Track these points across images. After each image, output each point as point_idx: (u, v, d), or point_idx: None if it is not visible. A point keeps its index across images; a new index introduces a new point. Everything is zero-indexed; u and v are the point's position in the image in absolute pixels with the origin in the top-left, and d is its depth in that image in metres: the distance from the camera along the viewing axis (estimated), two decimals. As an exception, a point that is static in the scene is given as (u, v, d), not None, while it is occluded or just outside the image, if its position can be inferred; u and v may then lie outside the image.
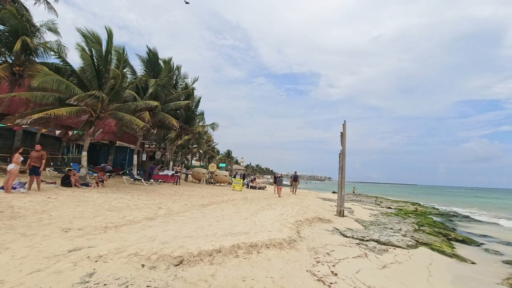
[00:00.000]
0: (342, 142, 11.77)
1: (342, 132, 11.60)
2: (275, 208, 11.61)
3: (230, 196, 15.68)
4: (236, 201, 13.20)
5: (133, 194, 11.97)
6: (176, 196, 12.95)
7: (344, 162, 11.57)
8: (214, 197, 14.14)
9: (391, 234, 8.48)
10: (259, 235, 6.22)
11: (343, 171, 11.59)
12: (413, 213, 15.27)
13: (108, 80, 12.98)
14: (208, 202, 12.11)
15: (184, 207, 9.97)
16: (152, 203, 10.08)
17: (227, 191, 18.82)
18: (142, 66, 19.59)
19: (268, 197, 16.88)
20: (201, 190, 17.32)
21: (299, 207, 12.50)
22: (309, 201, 16.05)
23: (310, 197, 19.80)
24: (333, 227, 9.01)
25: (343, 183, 11.55)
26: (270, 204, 13.06)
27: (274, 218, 8.81)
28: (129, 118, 13.25)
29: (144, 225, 6.65)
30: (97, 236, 5.40)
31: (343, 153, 11.67)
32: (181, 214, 8.51)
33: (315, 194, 26.77)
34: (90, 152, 21.72)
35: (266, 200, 15.07)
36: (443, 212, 17.61)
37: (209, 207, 10.53)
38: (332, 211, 12.67)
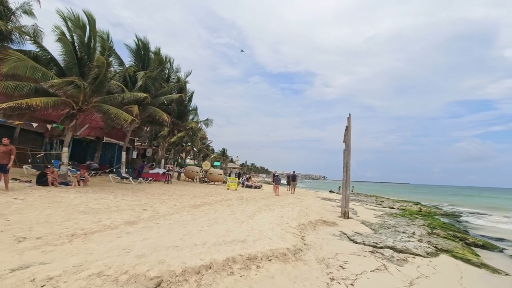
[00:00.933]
0: (347, 137, 10.79)
1: (347, 126, 10.62)
2: (274, 209, 10.61)
3: (224, 195, 14.64)
4: (231, 202, 12.17)
5: (118, 194, 10.86)
6: (166, 196, 11.87)
7: (349, 158, 10.62)
8: (207, 197, 13.09)
9: (406, 239, 7.55)
10: (258, 243, 5.21)
11: (348, 169, 10.63)
12: (419, 214, 14.43)
13: (92, 69, 11.81)
14: (200, 202, 11.06)
15: (173, 209, 8.91)
16: (136, 204, 9.00)
17: (222, 191, 17.78)
18: (131, 57, 18.39)
19: (265, 197, 15.89)
20: (193, 189, 16.25)
21: (299, 208, 11.53)
22: (309, 201, 15.10)
23: (309, 197, 18.86)
24: (340, 231, 8.04)
25: (347, 182, 10.60)
26: (268, 204, 12.06)
27: (274, 221, 7.81)
28: (116, 111, 12.12)
29: (122, 232, 5.58)
30: (57, 248, 4.32)
31: (347, 149, 10.71)
32: (168, 217, 7.46)
33: (313, 193, 25.88)
34: (75, 149, 20.53)
35: (264, 200, 14.07)
36: (448, 212, 16.83)
37: (201, 208, 9.49)
38: (335, 212, 11.72)
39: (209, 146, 70.87)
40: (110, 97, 12.81)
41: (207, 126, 22.57)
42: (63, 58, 12.09)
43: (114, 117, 12.08)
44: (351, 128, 10.74)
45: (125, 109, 15.79)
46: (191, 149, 42.30)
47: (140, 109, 17.47)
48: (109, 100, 12.71)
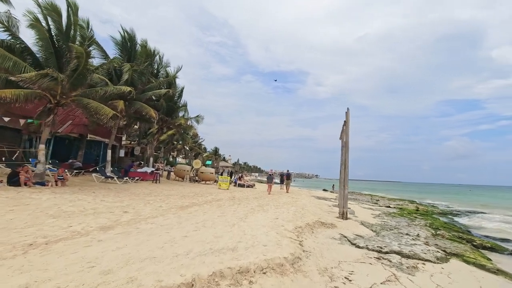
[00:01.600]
0: (345, 133, 10.16)
1: (346, 121, 9.99)
2: (268, 210, 9.93)
3: (215, 195, 13.89)
4: (222, 202, 11.44)
5: (98, 194, 10.00)
6: (152, 197, 11.06)
7: (347, 155, 10.00)
8: (197, 197, 12.33)
9: (411, 242, 6.96)
10: (251, 252, 4.51)
11: (346, 167, 10.01)
12: (417, 213, 13.96)
13: (70, 60, 10.88)
14: (189, 203, 10.30)
15: (158, 211, 8.13)
16: (117, 206, 8.19)
17: (213, 190, 17.02)
18: (116, 50, 17.41)
19: (258, 197, 15.20)
20: (183, 189, 15.45)
21: (294, 208, 10.88)
22: (304, 201, 14.47)
23: (303, 196, 18.25)
24: (340, 234, 7.41)
25: (346, 180, 9.98)
26: (261, 204, 11.37)
27: (268, 223, 7.12)
28: (96, 105, 11.23)
29: (92, 239, 4.81)
30: (5, 263, 3.54)
31: (346, 145, 10.08)
32: (151, 221, 6.69)
33: (307, 192, 25.32)
34: (58, 146, 19.45)
35: (257, 200, 13.38)
36: (445, 211, 16.45)
37: (189, 210, 8.74)
38: (333, 213, 11.11)
39: (201, 144, 69.80)
40: (91, 91, 11.89)
41: (198, 123, 21.77)
42: (38, 48, 11.13)
43: (93, 112, 11.17)
44: (349, 124, 10.11)
45: (110, 104, 14.90)
46: (182, 148, 41.24)
47: (126, 104, 16.56)
48: (90, 93, 11.80)
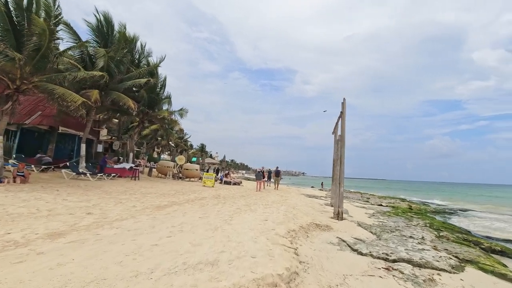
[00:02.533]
0: (341, 125, 9.31)
1: (342, 112, 9.13)
2: (256, 209, 8.97)
3: (198, 193, 12.82)
4: (206, 201, 10.40)
5: (62, 192, 8.76)
6: (126, 195, 9.88)
7: (343, 150, 9.15)
8: (178, 195, 11.22)
9: (418, 246, 6.17)
10: (235, 267, 3.53)
11: (342, 162, 9.16)
12: (411, 212, 13.38)
13: (31, 36, 9.49)
14: (168, 202, 9.20)
15: (129, 211, 7.02)
16: (81, 206, 7.02)
17: (197, 188, 15.91)
18: (91, 35, 15.92)
19: (245, 195, 14.22)
20: (164, 187, 14.27)
21: (285, 207, 9.97)
22: (294, 199, 13.62)
23: (293, 194, 17.43)
24: (338, 238, 6.54)
25: (341, 178, 9.13)
26: (248, 204, 10.41)
27: (257, 226, 6.16)
28: (62, 91, 9.93)
29: (30, 252, 3.71)
30: None
31: (342, 139, 9.22)
32: (117, 224, 5.60)
33: (296, 190, 24.56)
34: (26, 140, 17.80)
35: (244, 198, 12.40)
36: (438, 209, 16.01)
37: (167, 210, 7.66)
38: (326, 213, 10.28)
39: (187, 141, 68.10)
40: (58, 76, 10.53)
41: (182, 117, 20.49)
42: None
43: (59, 98, 9.86)
44: (345, 115, 9.26)
45: (83, 94, 13.52)
46: (166, 144, 39.65)
47: (102, 95, 15.18)
48: (57, 79, 10.45)
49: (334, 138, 12.86)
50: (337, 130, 12.72)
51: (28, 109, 16.69)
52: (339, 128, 11.44)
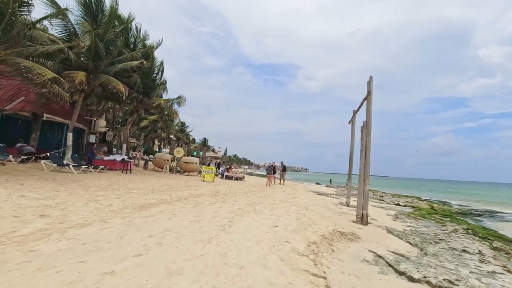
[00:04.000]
0: (367, 109, 7.60)
1: (369, 92, 7.41)
2: (262, 210, 7.40)
3: (195, 189, 11.25)
4: (202, 198, 8.83)
5: (27, 186, 7.23)
6: (107, 191, 8.33)
7: (368, 139, 7.47)
8: (170, 192, 9.66)
9: (484, 267, 4.57)
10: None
11: (367, 154, 7.48)
12: (437, 213, 11.74)
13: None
14: (155, 200, 7.64)
15: (100, 213, 5.46)
16: (38, 205, 5.47)
17: (194, 183, 14.36)
18: (78, 11, 14.26)
19: (248, 191, 12.65)
20: (156, 181, 12.72)
21: (295, 207, 8.40)
22: (304, 197, 12.04)
23: (301, 191, 15.84)
24: (371, 252, 4.94)
25: (366, 173, 7.47)
26: (252, 203, 8.83)
27: (265, 236, 4.59)
28: (29, 64, 8.35)
29: None
30: None
31: (367, 125, 7.52)
32: (73, 233, 4.05)
33: (302, 186, 22.98)
34: (8, 127, 16.29)
35: (246, 196, 10.82)
36: (464, 211, 14.35)
37: (151, 211, 6.10)
38: (344, 214, 8.68)
39: (189, 134, 66.62)
40: (28, 49, 8.94)
41: (180, 105, 18.87)
42: None
43: (24, 72, 8.29)
44: (372, 97, 7.55)
45: (66, 74, 11.96)
46: (166, 136, 38.08)
47: (90, 78, 13.60)
48: (27, 52, 8.87)
49: (351, 128, 11.22)
50: (354, 120, 11.08)
51: (9, 94, 15.16)
52: (355, 120, 9.84)
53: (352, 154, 11.03)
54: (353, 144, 11.10)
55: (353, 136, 11.13)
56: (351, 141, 11.15)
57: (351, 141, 11.15)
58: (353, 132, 11.14)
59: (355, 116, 10.71)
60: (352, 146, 11.10)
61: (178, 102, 18.67)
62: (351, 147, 11.12)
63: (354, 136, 11.14)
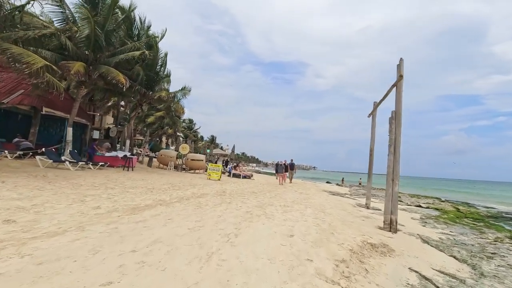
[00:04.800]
0: (397, 97, 6.47)
1: (402, 75, 6.26)
2: (273, 214, 6.41)
3: (199, 188, 10.34)
4: (206, 199, 7.90)
5: (9, 184, 6.42)
6: (100, 190, 7.47)
7: (398, 131, 6.35)
8: (171, 191, 8.76)
9: None
10: None
11: (397, 150, 6.35)
12: (466, 217, 10.54)
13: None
14: (152, 201, 6.74)
15: (81, 217, 4.57)
16: (9, 207, 4.62)
17: (199, 181, 13.47)
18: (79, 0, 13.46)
19: (257, 191, 11.68)
20: (158, 179, 11.87)
21: (311, 210, 7.38)
22: (317, 198, 11.01)
23: (313, 191, 14.78)
24: (413, 271, 3.90)
25: (396, 171, 6.35)
26: (262, 204, 7.85)
27: (280, 252, 3.60)
28: (19, 51, 7.54)
29: None
30: None
31: (397, 115, 6.40)
32: (33, 246, 3.14)
33: (313, 185, 21.88)
34: (7, 122, 15.76)
35: (255, 196, 9.85)
36: (494, 214, 13.02)
37: (144, 215, 5.18)
38: (367, 218, 7.60)
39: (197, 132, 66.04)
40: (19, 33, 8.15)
41: (185, 96, 17.98)
42: None
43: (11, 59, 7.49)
44: (402, 83, 6.42)
45: (62, 64, 11.20)
46: (173, 133, 37.38)
47: (90, 69, 12.83)
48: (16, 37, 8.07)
49: (372, 122, 10.10)
50: (375, 113, 9.96)
51: (8, 88, 14.55)
52: (376, 113, 8.63)
53: (373, 151, 9.93)
54: (373, 139, 9.98)
55: (374, 130, 10.02)
56: (371, 136, 10.04)
57: (371, 137, 10.04)
58: (373, 127, 10.02)
59: (376, 109, 9.58)
60: (373, 142, 9.98)
61: (184, 94, 17.78)
62: (372, 143, 9.99)
63: (375, 131, 10.04)
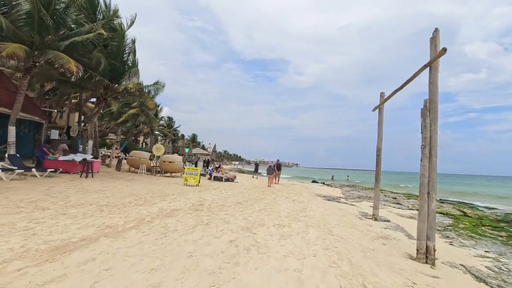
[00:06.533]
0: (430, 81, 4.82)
1: (444, 49, 4.58)
2: (267, 243, 4.60)
3: (170, 200, 8.34)
4: (175, 220, 5.94)
5: None
6: (24, 213, 5.33)
7: (435, 126, 4.71)
8: (130, 209, 6.70)
9: None
10: None
11: (433, 152, 4.70)
12: (482, 224, 9.26)
13: None
14: (97, 229, 4.71)
15: None
16: None
17: (174, 188, 11.43)
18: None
19: (242, 200, 9.83)
20: (121, 189, 9.71)
21: (315, 231, 5.65)
22: (316, 207, 9.31)
23: (306, 196, 13.10)
24: None
25: (432, 181, 4.69)
26: (250, 224, 6.01)
27: None
28: None
29: None
30: None
31: (432, 104, 4.72)
32: None
33: (302, 187, 20.30)
34: None
35: (241, 208, 7.98)
36: (501, 216, 11.91)
37: (67, 262, 3.19)
38: (386, 240, 5.94)
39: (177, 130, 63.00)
40: None
41: (158, 92, 15.77)
42: None
43: None
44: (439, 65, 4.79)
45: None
46: (148, 132, 34.60)
47: (35, 54, 10.44)
48: None
49: (379, 116, 8.50)
50: (382, 107, 8.36)
51: None
52: (383, 107, 6.92)
53: (381, 151, 8.35)
54: (381, 137, 8.40)
55: (381, 127, 8.43)
56: (378, 133, 8.44)
57: (378, 134, 8.44)
58: (380, 122, 8.43)
59: (385, 101, 7.98)
60: (380, 140, 8.39)
61: (156, 89, 15.53)
62: (379, 141, 8.41)
63: (383, 127, 8.45)
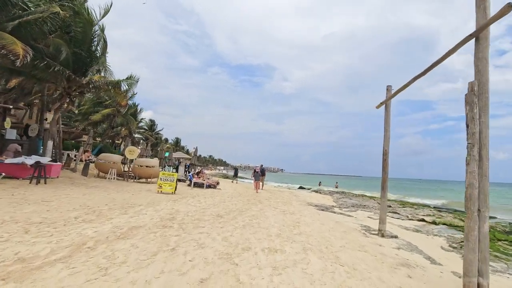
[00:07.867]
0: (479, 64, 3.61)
1: (508, 5, 3.36)
2: (255, 279, 3.15)
3: (134, 213, 6.72)
4: (128, 245, 4.38)
5: None
6: None
7: (486, 117, 3.49)
8: (72, 228, 5.07)
9: None
10: None
11: (484, 153, 3.46)
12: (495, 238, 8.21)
13: None
14: (11, 262, 3.13)
15: None
16: None
17: (145, 196, 9.77)
18: None
19: (223, 212, 8.33)
20: (74, 199, 7.96)
21: (319, 262, 4.27)
22: (311, 222, 7.96)
23: (296, 205, 11.73)
24: None
25: (485, 193, 3.44)
26: (230, 250, 4.54)
27: None
28: None
29: None
30: None
31: (481, 89, 3.52)
32: None
33: (291, 194, 18.99)
34: None
35: (220, 224, 6.49)
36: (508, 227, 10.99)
37: None
38: (406, 268, 4.61)
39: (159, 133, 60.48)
40: None
41: (131, 88, 14.09)
42: None
43: None
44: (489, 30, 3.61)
45: None
46: (127, 135, 32.38)
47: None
48: None
49: (385, 113, 7.29)
50: (389, 102, 7.17)
51: None
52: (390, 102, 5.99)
53: (387, 155, 7.11)
54: (388, 138, 7.18)
55: (388, 125, 7.21)
56: (385, 134, 7.22)
57: (385, 132, 7.22)
58: (387, 120, 7.22)
59: (393, 96, 6.78)
60: (387, 141, 7.17)
61: (130, 84, 13.84)
62: (385, 141, 7.17)
63: (390, 125, 7.24)
